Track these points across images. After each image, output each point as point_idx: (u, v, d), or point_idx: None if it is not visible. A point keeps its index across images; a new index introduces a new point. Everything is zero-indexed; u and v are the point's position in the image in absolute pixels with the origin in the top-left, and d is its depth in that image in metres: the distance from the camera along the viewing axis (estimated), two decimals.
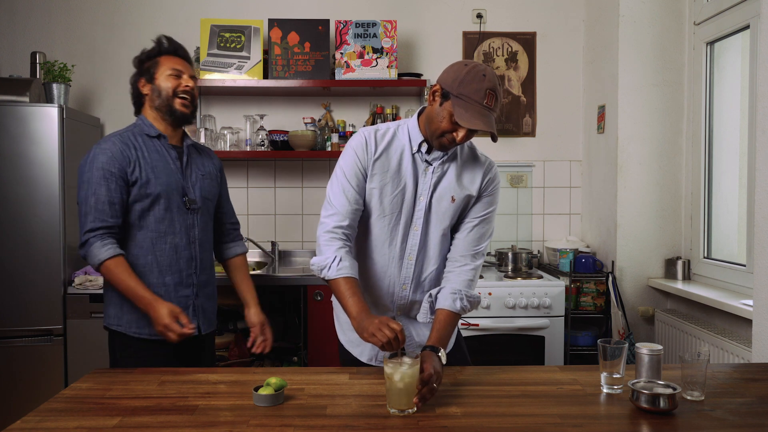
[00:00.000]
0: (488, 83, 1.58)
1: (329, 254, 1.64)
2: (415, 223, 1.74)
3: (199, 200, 2.02)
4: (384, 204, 1.72)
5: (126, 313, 1.94)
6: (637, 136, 3.11)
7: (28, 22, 3.45)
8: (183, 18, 3.47)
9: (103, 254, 1.84)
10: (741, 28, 2.71)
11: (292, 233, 3.58)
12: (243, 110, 3.50)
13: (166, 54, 2.00)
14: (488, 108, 1.58)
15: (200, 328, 2.02)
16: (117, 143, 1.91)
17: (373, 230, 1.75)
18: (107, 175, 1.87)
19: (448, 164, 1.75)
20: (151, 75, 1.98)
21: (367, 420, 1.35)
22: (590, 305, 3.14)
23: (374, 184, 1.71)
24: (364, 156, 1.71)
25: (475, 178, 1.76)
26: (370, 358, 1.81)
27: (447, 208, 1.74)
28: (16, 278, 2.82)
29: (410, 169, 1.72)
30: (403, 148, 1.73)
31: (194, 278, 2.01)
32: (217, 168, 2.15)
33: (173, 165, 1.98)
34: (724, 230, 2.94)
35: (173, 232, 1.96)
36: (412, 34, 3.56)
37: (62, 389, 1.59)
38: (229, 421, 1.34)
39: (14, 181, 2.81)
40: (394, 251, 1.75)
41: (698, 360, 1.47)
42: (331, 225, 1.68)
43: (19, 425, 1.32)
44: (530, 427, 1.32)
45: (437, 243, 1.76)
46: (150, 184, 1.91)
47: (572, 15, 3.58)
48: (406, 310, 1.80)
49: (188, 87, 1.98)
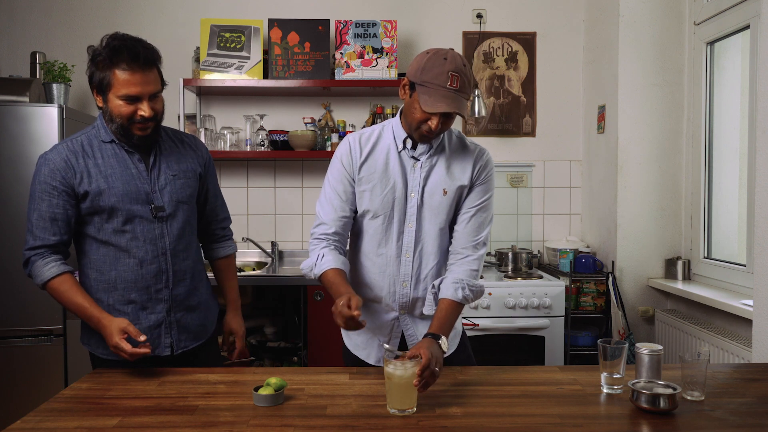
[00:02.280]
0: (449, 65, 1.59)
1: (314, 255, 1.73)
2: (408, 220, 1.74)
3: (169, 206, 1.78)
4: (375, 205, 1.73)
5: (95, 332, 1.73)
6: (637, 136, 3.11)
7: (28, 22, 3.45)
8: (183, 18, 3.47)
9: (47, 273, 1.69)
10: (741, 28, 2.70)
11: (292, 233, 3.58)
12: (243, 110, 3.50)
13: (120, 67, 1.63)
14: (453, 90, 1.58)
15: (173, 347, 1.81)
16: (63, 152, 1.70)
17: (368, 231, 1.76)
18: (49, 189, 1.68)
19: (437, 157, 1.75)
20: (102, 88, 1.67)
21: (367, 420, 1.35)
22: (590, 305, 3.14)
23: (363, 187, 1.73)
24: (350, 163, 1.74)
25: (465, 168, 1.76)
26: (378, 360, 1.80)
27: (440, 201, 1.74)
28: (16, 278, 2.82)
29: (397, 167, 1.73)
30: (388, 147, 1.74)
31: (165, 293, 1.78)
32: (199, 162, 1.89)
33: (134, 169, 1.74)
34: (724, 230, 2.94)
35: (136, 246, 1.74)
36: (412, 34, 3.56)
37: (62, 389, 1.59)
38: (229, 421, 1.34)
39: (14, 181, 2.81)
40: (390, 249, 1.75)
41: (698, 360, 1.47)
42: (318, 233, 1.76)
43: (19, 425, 1.32)
44: (530, 427, 1.32)
45: (434, 238, 1.76)
46: (103, 196, 1.70)
47: (572, 15, 3.58)
48: (409, 308, 1.80)
49: (145, 115, 1.67)
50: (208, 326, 1.94)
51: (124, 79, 1.64)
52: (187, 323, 1.84)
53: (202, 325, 1.90)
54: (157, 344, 1.78)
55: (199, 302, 1.89)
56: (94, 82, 1.69)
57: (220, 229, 2.05)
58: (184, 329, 1.83)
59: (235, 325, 2.01)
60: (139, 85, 1.65)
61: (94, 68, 1.67)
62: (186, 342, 1.84)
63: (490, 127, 3.57)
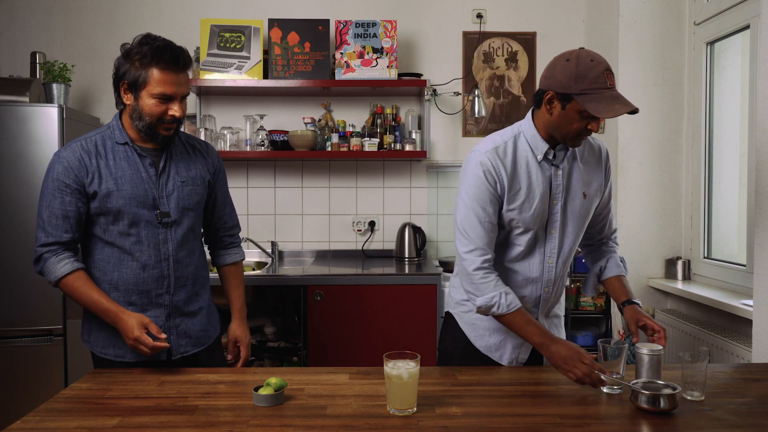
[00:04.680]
0: (600, 66, 1.55)
1: (493, 293, 1.66)
2: (551, 227, 1.74)
3: (175, 212, 1.78)
4: (525, 221, 1.71)
5: (95, 329, 1.79)
6: (637, 136, 3.11)
7: (28, 22, 3.45)
8: (183, 18, 3.47)
9: (60, 270, 1.69)
10: (741, 28, 2.70)
11: (292, 233, 3.58)
12: (243, 110, 3.50)
13: (160, 66, 1.67)
14: (613, 88, 1.57)
15: (172, 352, 1.81)
16: (77, 151, 1.72)
17: (516, 243, 1.75)
18: (61, 187, 1.69)
19: (572, 161, 1.75)
20: (136, 86, 1.69)
21: (367, 420, 1.35)
22: (590, 305, 3.14)
23: (513, 205, 1.69)
24: (495, 181, 1.67)
25: (598, 164, 1.78)
26: (510, 361, 1.84)
27: (581, 205, 1.75)
28: (16, 278, 2.82)
29: (540, 178, 1.70)
30: (527, 159, 1.70)
31: (166, 298, 1.79)
32: (209, 169, 1.90)
33: (144, 173, 1.76)
34: (724, 230, 2.94)
35: (140, 249, 1.75)
36: (412, 34, 3.56)
37: (62, 389, 1.59)
38: (229, 421, 1.34)
39: (14, 181, 2.81)
40: (534, 258, 1.76)
41: (698, 360, 1.47)
42: (480, 261, 1.67)
43: (19, 425, 1.32)
44: (530, 427, 1.32)
45: (574, 242, 1.79)
46: (111, 198, 1.71)
47: (572, 15, 3.58)
48: (547, 310, 1.85)
49: (176, 116, 1.72)
50: (211, 331, 1.93)
51: (162, 78, 1.67)
52: (187, 329, 1.84)
53: (204, 331, 1.90)
54: None
55: (200, 308, 1.89)
56: (125, 80, 1.70)
57: (228, 236, 2.04)
58: (183, 334, 1.83)
59: (240, 333, 1.97)
60: (174, 85, 1.69)
61: (128, 66, 1.69)
62: (186, 347, 1.84)
63: (490, 127, 3.57)
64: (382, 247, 3.57)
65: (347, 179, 3.59)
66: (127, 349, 1.75)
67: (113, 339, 1.76)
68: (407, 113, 3.49)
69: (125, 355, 1.77)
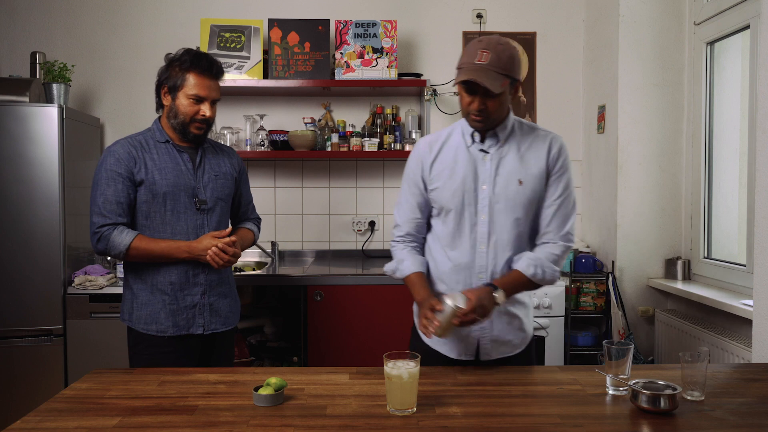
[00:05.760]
0: (480, 44, 1.64)
1: (397, 258, 1.86)
2: (480, 212, 1.75)
3: (211, 200, 2.04)
4: (445, 200, 1.77)
5: (136, 309, 2.01)
6: (637, 136, 3.11)
7: (28, 22, 3.45)
8: (183, 18, 3.48)
9: (126, 238, 1.91)
10: (741, 28, 2.70)
11: (292, 233, 3.58)
12: (243, 110, 3.50)
13: (196, 71, 1.96)
14: (480, 63, 1.61)
15: (204, 327, 2.03)
16: (125, 145, 1.98)
17: (442, 226, 1.81)
18: (114, 176, 1.94)
19: (507, 148, 1.76)
20: (174, 88, 1.97)
21: (367, 420, 1.35)
22: (590, 305, 3.14)
23: (435, 185, 1.79)
24: (420, 165, 1.82)
25: (539, 156, 1.76)
26: (459, 354, 1.81)
27: (516, 192, 1.74)
28: (16, 278, 2.82)
29: (466, 161, 1.77)
30: (457, 145, 1.80)
31: (202, 277, 2.02)
32: (235, 168, 2.17)
33: (184, 166, 2.02)
34: (724, 230, 2.94)
35: (180, 232, 1.99)
36: (412, 34, 3.56)
37: (62, 389, 1.59)
38: (229, 421, 1.34)
39: (14, 181, 2.81)
40: (464, 242, 1.77)
41: (698, 360, 1.47)
42: (396, 235, 1.90)
43: (19, 425, 1.32)
44: (530, 427, 1.32)
45: (509, 230, 1.75)
46: (157, 184, 1.96)
47: (572, 15, 3.58)
48: None
49: (206, 116, 1.99)
50: (235, 315, 2.16)
51: (197, 81, 1.96)
52: (219, 307, 2.07)
53: (232, 312, 2.13)
54: (192, 323, 2.01)
55: (230, 290, 2.14)
56: (166, 84, 1.98)
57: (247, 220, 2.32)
58: (215, 312, 2.06)
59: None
60: (207, 89, 1.98)
61: (169, 72, 1.98)
62: (216, 324, 2.06)
63: None
64: (382, 247, 3.57)
65: (347, 179, 3.59)
66: (168, 324, 1.98)
67: (155, 315, 1.98)
68: (407, 113, 3.49)
69: (167, 330, 1.99)
